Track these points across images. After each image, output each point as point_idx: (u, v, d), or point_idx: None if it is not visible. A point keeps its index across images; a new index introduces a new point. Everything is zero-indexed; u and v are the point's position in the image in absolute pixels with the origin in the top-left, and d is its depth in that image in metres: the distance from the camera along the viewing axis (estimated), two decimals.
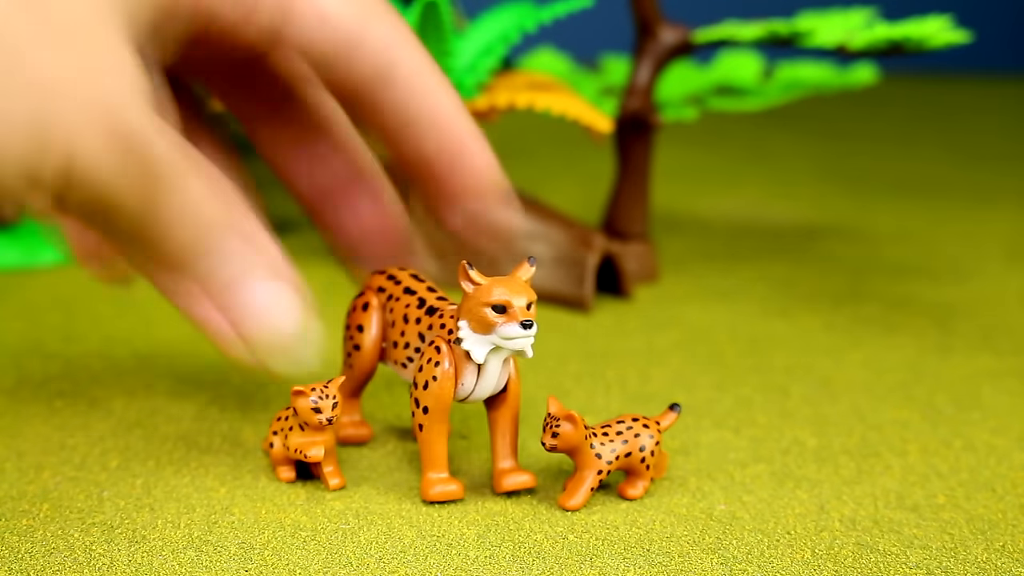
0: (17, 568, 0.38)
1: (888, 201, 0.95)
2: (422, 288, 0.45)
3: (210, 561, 0.39)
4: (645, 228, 0.71)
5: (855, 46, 0.63)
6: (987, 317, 0.66)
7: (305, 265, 0.72)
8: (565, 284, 0.65)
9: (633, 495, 0.44)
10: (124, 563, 0.38)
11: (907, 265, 0.77)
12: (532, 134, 1.16)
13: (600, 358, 0.58)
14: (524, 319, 0.41)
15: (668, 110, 0.72)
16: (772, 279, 0.72)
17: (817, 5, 0.79)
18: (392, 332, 0.45)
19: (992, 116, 1.42)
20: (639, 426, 0.43)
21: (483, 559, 0.40)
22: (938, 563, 0.40)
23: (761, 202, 0.94)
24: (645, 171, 0.70)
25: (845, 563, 0.40)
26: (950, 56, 1.11)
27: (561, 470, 0.46)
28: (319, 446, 0.43)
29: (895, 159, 1.14)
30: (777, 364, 0.58)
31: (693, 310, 0.66)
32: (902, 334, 0.63)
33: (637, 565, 0.39)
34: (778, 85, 0.76)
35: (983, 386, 0.56)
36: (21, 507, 0.42)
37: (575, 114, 0.64)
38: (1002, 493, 0.45)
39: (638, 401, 0.53)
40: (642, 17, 0.69)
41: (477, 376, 0.42)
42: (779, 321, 0.65)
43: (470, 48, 0.67)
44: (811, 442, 0.49)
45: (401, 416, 0.51)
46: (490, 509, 0.43)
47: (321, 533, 0.41)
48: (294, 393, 0.42)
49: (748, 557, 0.40)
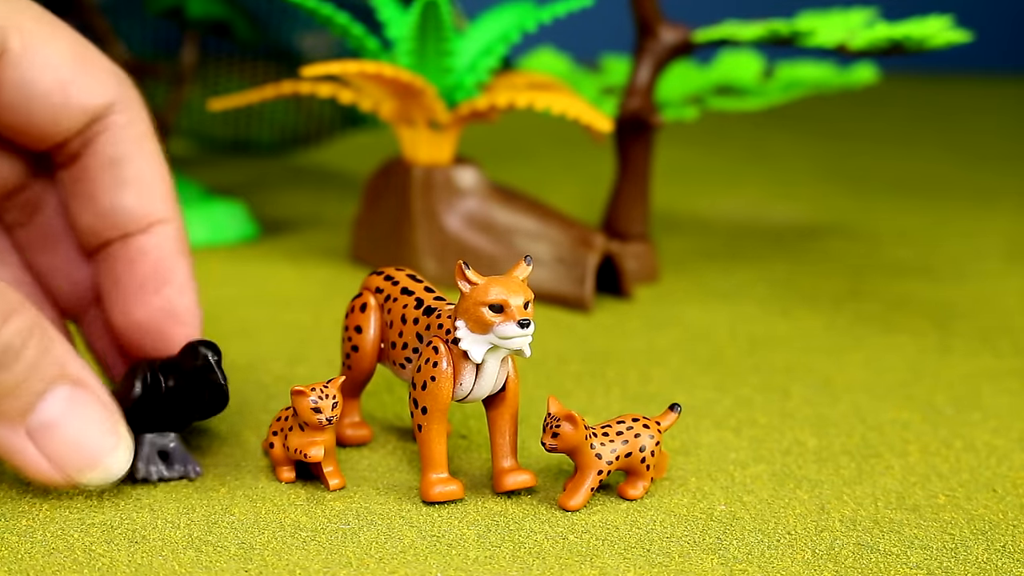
0: (17, 568, 0.38)
1: (888, 201, 0.95)
2: (419, 288, 0.45)
3: (210, 561, 0.39)
4: (645, 228, 0.71)
5: (855, 46, 0.63)
6: (987, 317, 0.66)
7: (305, 265, 0.72)
8: (565, 284, 0.65)
9: (633, 495, 0.44)
10: (124, 563, 0.38)
11: (907, 265, 0.77)
12: (532, 134, 1.16)
13: (600, 358, 0.58)
14: (521, 318, 0.41)
15: (668, 110, 0.72)
16: (772, 279, 0.72)
17: (817, 5, 0.79)
18: (390, 333, 0.45)
19: (992, 116, 1.42)
20: (639, 426, 0.43)
21: (483, 559, 0.39)
22: (939, 563, 0.40)
23: (761, 202, 0.94)
24: (645, 171, 0.70)
25: (845, 563, 0.40)
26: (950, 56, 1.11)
27: (561, 470, 0.46)
28: (319, 446, 0.43)
29: (895, 159, 1.14)
30: (777, 364, 0.58)
31: (693, 310, 0.66)
32: (902, 334, 0.63)
33: (637, 565, 0.39)
34: (778, 85, 0.76)
35: (983, 386, 0.56)
36: (21, 507, 0.42)
37: (575, 114, 0.64)
38: (1003, 493, 0.45)
39: (638, 401, 0.53)
40: (642, 17, 0.69)
41: (475, 376, 0.42)
42: (779, 321, 0.65)
43: (470, 48, 0.67)
44: (811, 442, 0.49)
45: (401, 416, 0.51)
46: (490, 509, 0.43)
47: (321, 533, 0.41)
48: (294, 393, 0.42)
49: (748, 557, 0.40)
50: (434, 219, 0.67)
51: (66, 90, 0.42)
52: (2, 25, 0.41)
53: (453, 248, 0.67)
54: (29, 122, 0.42)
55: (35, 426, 0.40)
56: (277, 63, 0.87)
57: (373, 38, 0.66)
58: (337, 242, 0.76)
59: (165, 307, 0.45)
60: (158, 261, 0.44)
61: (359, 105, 0.67)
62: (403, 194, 0.68)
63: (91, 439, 0.41)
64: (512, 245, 0.66)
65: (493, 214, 0.67)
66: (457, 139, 0.68)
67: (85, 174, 0.44)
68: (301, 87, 0.67)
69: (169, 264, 0.45)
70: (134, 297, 0.44)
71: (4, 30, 0.41)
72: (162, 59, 0.86)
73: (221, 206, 0.76)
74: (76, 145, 0.44)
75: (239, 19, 0.74)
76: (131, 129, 0.44)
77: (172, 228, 0.45)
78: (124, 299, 0.45)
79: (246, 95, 0.69)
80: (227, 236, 0.75)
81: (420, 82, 0.63)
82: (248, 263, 0.71)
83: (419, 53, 0.65)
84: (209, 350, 0.43)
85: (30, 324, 0.39)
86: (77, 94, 0.43)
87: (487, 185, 0.68)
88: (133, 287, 0.44)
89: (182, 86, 0.77)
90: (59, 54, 0.42)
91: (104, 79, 0.43)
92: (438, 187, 0.67)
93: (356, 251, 0.72)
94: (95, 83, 0.43)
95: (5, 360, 0.39)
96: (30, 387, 0.39)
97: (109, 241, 0.45)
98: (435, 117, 0.66)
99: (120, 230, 0.44)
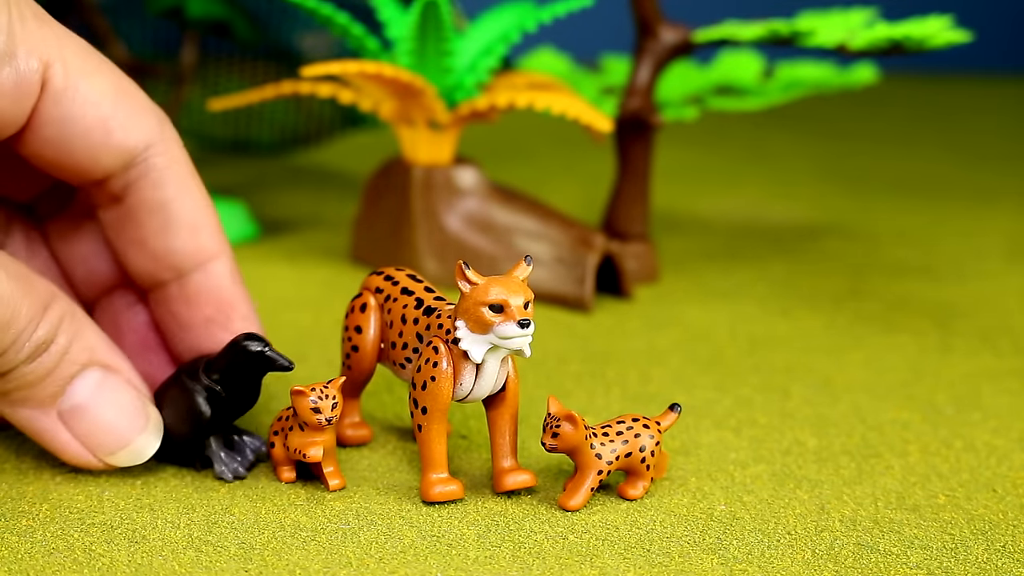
0: (17, 568, 0.38)
1: (888, 201, 0.95)
2: (420, 288, 0.45)
3: (210, 561, 0.39)
4: (645, 228, 0.71)
5: (855, 46, 0.63)
6: (987, 317, 0.66)
7: (305, 265, 0.72)
8: (565, 284, 0.65)
9: (633, 495, 0.44)
10: (124, 563, 0.38)
11: (907, 265, 0.76)
12: (532, 134, 1.16)
13: (600, 358, 0.58)
14: (521, 318, 0.41)
15: (668, 110, 0.72)
16: (772, 279, 0.72)
17: (817, 5, 0.79)
18: (390, 333, 0.45)
19: (992, 116, 1.42)
20: (639, 426, 0.43)
21: (483, 559, 0.39)
22: (939, 563, 0.40)
23: (761, 202, 0.94)
24: (645, 171, 0.70)
25: (845, 563, 0.40)
26: (950, 56, 1.11)
27: (561, 470, 0.46)
28: (319, 446, 0.43)
29: (895, 159, 1.14)
30: (777, 364, 0.58)
31: (693, 310, 0.66)
32: (902, 334, 0.63)
33: (637, 565, 0.39)
34: (778, 85, 0.76)
35: (983, 386, 0.56)
36: (21, 507, 0.42)
37: (575, 114, 0.64)
38: (1003, 493, 0.45)
39: (638, 401, 0.53)
40: (642, 17, 0.69)
41: (475, 376, 0.42)
42: (779, 321, 0.65)
43: (470, 48, 0.67)
44: (811, 442, 0.49)
45: (401, 416, 0.51)
46: (490, 509, 0.43)
47: (321, 533, 0.41)
48: (294, 393, 0.42)
49: (748, 557, 0.40)
50: (434, 219, 0.67)
51: (107, 127, 0.42)
52: (45, 58, 0.40)
53: (453, 248, 0.67)
54: (70, 159, 0.42)
55: (66, 409, 0.42)
56: (277, 63, 0.87)
57: (373, 38, 0.66)
58: (337, 242, 0.76)
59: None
60: (220, 298, 0.45)
61: (359, 105, 0.67)
62: (403, 194, 0.68)
63: (121, 421, 0.42)
64: (512, 245, 0.66)
65: (493, 214, 0.67)
66: (457, 139, 0.68)
67: (132, 219, 0.44)
68: (301, 87, 0.67)
69: (230, 297, 0.45)
70: (203, 333, 0.45)
71: (46, 64, 0.40)
72: (162, 59, 0.86)
73: (221, 206, 0.76)
74: (117, 186, 0.44)
75: (239, 19, 0.74)
76: (174, 169, 0.44)
77: (226, 261, 0.46)
78: (191, 336, 0.45)
79: (246, 95, 0.69)
80: (227, 236, 0.75)
81: (420, 82, 0.63)
82: (248, 263, 0.71)
83: (419, 53, 0.65)
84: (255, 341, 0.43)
85: (62, 313, 0.41)
86: (119, 132, 0.42)
87: (487, 185, 0.68)
88: (199, 324, 0.45)
89: (182, 86, 0.77)
90: (101, 90, 0.42)
91: (145, 117, 0.43)
92: (438, 187, 0.67)
93: (356, 251, 0.72)
94: (136, 122, 0.43)
95: (39, 349, 0.40)
96: (61, 372, 0.41)
97: (165, 282, 0.45)
98: (435, 117, 0.66)
99: (176, 272, 0.45)
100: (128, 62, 0.76)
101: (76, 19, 0.77)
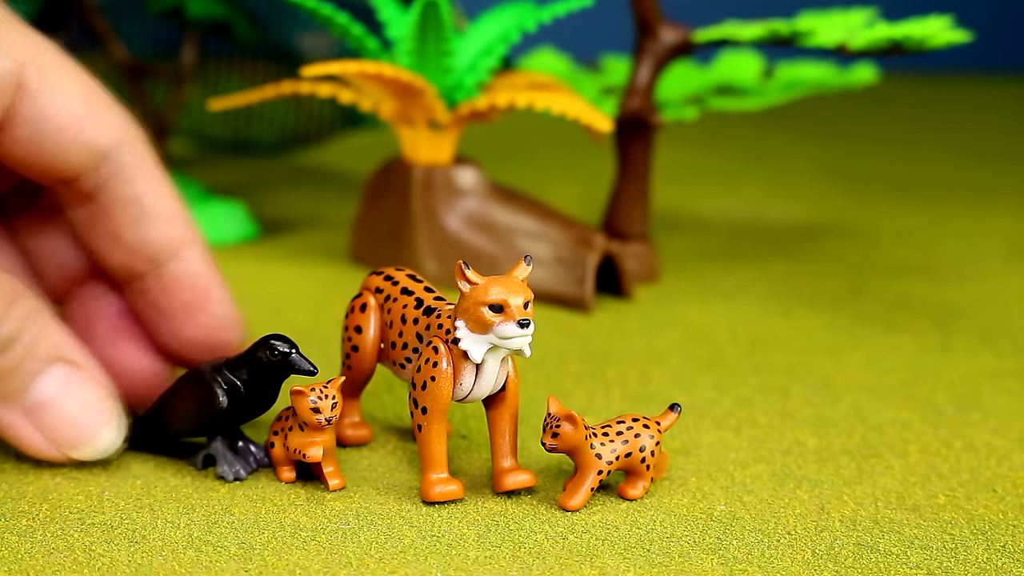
0: (17, 568, 0.38)
1: (888, 201, 0.95)
2: (419, 288, 0.45)
3: (210, 561, 0.39)
4: (645, 228, 0.71)
5: (855, 46, 0.63)
6: (987, 317, 0.66)
7: (305, 265, 0.72)
8: (565, 284, 0.65)
9: (633, 495, 0.44)
10: (124, 563, 0.38)
11: (907, 265, 0.76)
12: (532, 134, 1.16)
13: (600, 358, 0.58)
14: (521, 318, 0.41)
15: (668, 110, 0.72)
16: (772, 279, 0.72)
17: (817, 5, 0.79)
18: (390, 333, 0.45)
19: (992, 116, 1.42)
20: (639, 426, 0.43)
21: (483, 559, 0.39)
22: (939, 563, 0.40)
23: (761, 202, 0.94)
24: (645, 171, 0.70)
25: (845, 563, 0.40)
26: (950, 56, 1.11)
27: (561, 470, 0.46)
28: (318, 446, 0.43)
29: (895, 159, 1.14)
30: (777, 364, 0.58)
31: (693, 310, 0.66)
32: (902, 334, 0.63)
33: (637, 565, 0.39)
34: (778, 85, 0.76)
35: (983, 386, 0.56)
36: (21, 507, 0.42)
37: (575, 114, 0.64)
38: (1003, 493, 0.45)
39: (638, 401, 0.53)
40: (642, 17, 0.69)
41: (475, 376, 0.42)
42: (779, 321, 0.65)
43: (470, 48, 0.67)
44: (811, 442, 0.49)
45: (401, 416, 0.51)
46: (490, 509, 0.43)
47: (321, 533, 0.41)
48: (294, 393, 0.42)
49: (748, 557, 0.40)
50: (434, 219, 0.67)
51: (80, 126, 0.43)
52: (21, 61, 0.42)
53: (453, 248, 0.67)
54: (41, 157, 0.43)
55: (30, 404, 0.42)
56: (277, 63, 0.87)
57: (373, 38, 0.66)
58: (337, 242, 0.76)
59: (213, 322, 0.47)
60: (195, 284, 0.47)
61: (359, 105, 0.67)
62: (403, 194, 0.68)
63: (84, 417, 0.43)
64: (512, 245, 0.66)
65: (493, 214, 0.67)
66: (457, 139, 0.68)
67: (105, 215, 0.45)
68: (301, 87, 0.67)
69: (205, 283, 0.47)
70: (182, 320, 0.47)
71: (23, 66, 0.42)
72: (162, 59, 0.86)
73: (221, 206, 0.76)
74: (88, 185, 0.45)
75: (239, 19, 0.74)
76: (142, 166, 0.45)
77: (198, 248, 0.47)
78: (171, 323, 0.47)
79: (246, 95, 0.69)
80: (227, 236, 0.75)
81: (420, 82, 0.63)
82: (248, 263, 0.71)
83: (419, 53, 0.65)
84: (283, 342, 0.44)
85: (27, 310, 0.41)
86: (90, 131, 0.44)
87: (487, 185, 0.68)
88: (178, 311, 0.47)
89: (182, 86, 0.77)
90: (72, 91, 0.43)
91: (113, 118, 0.44)
92: (438, 187, 0.67)
93: (356, 251, 0.72)
94: (105, 121, 0.44)
95: (4, 346, 0.41)
96: (26, 368, 0.42)
97: (142, 274, 0.46)
98: (435, 117, 0.66)
99: (152, 262, 0.46)
100: (128, 62, 0.76)
101: (76, 19, 0.77)
